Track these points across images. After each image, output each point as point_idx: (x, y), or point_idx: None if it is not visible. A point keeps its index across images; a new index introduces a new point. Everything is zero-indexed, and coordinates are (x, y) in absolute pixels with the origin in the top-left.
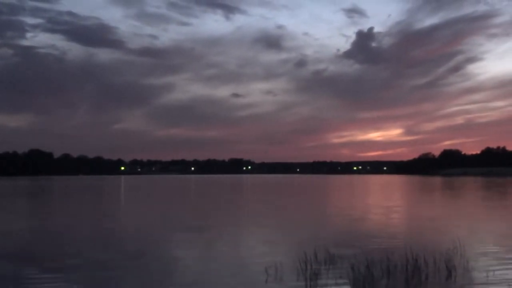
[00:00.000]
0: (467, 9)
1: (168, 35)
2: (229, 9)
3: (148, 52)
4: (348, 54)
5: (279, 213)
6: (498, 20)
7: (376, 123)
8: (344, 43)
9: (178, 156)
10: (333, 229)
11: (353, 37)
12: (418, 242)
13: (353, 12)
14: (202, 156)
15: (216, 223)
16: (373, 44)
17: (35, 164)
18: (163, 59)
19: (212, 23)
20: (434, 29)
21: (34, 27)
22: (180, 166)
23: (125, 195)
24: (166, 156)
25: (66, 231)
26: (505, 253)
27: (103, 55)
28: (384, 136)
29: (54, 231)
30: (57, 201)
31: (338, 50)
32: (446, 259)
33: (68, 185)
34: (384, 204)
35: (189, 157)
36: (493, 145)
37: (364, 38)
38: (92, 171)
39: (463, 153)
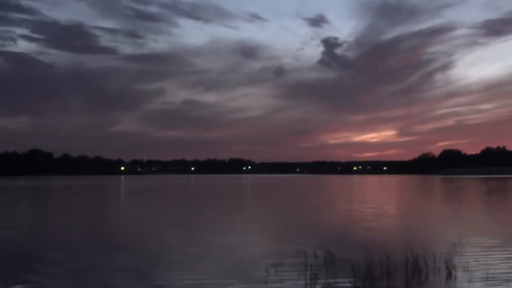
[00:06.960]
0: (424, 23)
1: (153, 43)
2: (204, 21)
3: (136, 59)
4: (321, 62)
5: (279, 213)
6: (457, 32)
7: (368, 125)
8: (314, 52)
9: (178, 156)
10: (333, 229)
11: (321, 47)
12: (418, 242)
13: (320, 22)
14: (202, 156)
15: (215, 223)
16: (343, 53)
17: (35, 164)
18: (151, 66)
19: (190, 33)
20: (398, 40)
21: (22, 36)
22: (180, 166)
23: (124, 195)
24: (166, 156)
25: (60, 231)
26: (505, 253)
27: (92, 62)
28: (379, 137)
29: (47, 230)
30: (55, 200)
31: (311, 58)
32: (446, 259)
33: (68, 185)
34: (384, 203)
35: (189, 157)
36: (488, 145)
37: (333, 47)
38: (92, 171)
39: (463, 153)
